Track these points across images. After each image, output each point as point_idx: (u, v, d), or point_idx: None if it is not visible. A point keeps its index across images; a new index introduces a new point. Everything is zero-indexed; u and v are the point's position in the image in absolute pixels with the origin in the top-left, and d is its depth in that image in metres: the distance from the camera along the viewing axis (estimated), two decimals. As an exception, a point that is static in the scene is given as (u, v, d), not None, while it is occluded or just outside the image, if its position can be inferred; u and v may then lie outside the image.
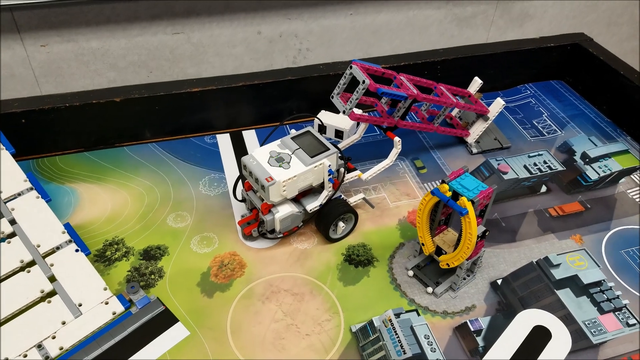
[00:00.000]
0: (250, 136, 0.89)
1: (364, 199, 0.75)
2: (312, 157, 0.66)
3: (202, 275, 0.66)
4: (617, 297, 0.65)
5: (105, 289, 0.62)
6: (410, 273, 0.67)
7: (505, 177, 0.82)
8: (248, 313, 0.62)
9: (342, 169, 0.70)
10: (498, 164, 0.84)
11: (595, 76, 0.97)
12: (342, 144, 0.77)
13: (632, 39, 1.47)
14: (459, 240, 0.61)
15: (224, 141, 0.88)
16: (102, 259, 0.68)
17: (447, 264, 0.63)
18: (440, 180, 0.63)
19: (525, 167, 0.83)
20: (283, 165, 0.65)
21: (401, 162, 0.84)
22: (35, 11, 0.97)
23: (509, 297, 0.65)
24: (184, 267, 0.67)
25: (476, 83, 0.85)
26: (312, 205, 0.68)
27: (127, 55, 1.09)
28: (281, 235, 0.69)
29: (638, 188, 0.80)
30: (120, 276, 0.66)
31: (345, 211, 0.69)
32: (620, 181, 0.81)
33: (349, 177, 0.74)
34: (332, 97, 0.71)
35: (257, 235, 0.70)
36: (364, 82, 0.66)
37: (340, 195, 0.72)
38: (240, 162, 0.67)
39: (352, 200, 0.74)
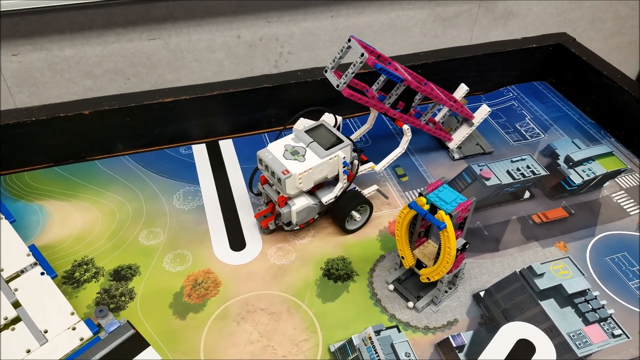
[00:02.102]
0: (227, 146, 0.87)
1: (377, 190, 0.76)
2: (326, 149, 0.66)
3: (175, 296, 0.64)
4: (602, 306, 0.64)
5: (72, 313, 0.59)
6: (391, 287, 0.65)
7: (488, 183, 0.80)
8: (223, 335, 0.60)
9: (355, 161, 0.71)
10: (480, 170, 0.82)
11: (579, 77, 0.95)
12: (354, 135, 0.78)
13: (616, 36, 1.46)
14: (439, 252, 0.59)
15: (199, 152, 0.85)
16: (71, 280, 0.65)
17: (428, 278, 0.61)
18: (418, 193, 0.61)
19: (508, 172, 0.82)
20: (298, 158, 0.65)
21: (385, 172, 0.82)
22: (5, 20, 0.93)
23: (492, 310, 0.63)
24: (156, 287, 0.65)
25: (462, 89, 0.83)
26: (328, 197, 0.69)
27: (102, 63, 1.06)
28: (297, 227, 0.69)
29: (622, 192, 0.79)
30: (89, 299, 0.63)
31: (361, 202, 0.70)
32: (604, 185, 0.80)
33: (363, 168, 0.75)
34: (326, 71, 0.69)
35: (274, 227, 0.71)
36: (362, 55, 0.64)
37: (355, 187, 0.73)
38: (217, 174, 0.66)
39: (366, 191, 0.74)
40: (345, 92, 0.67)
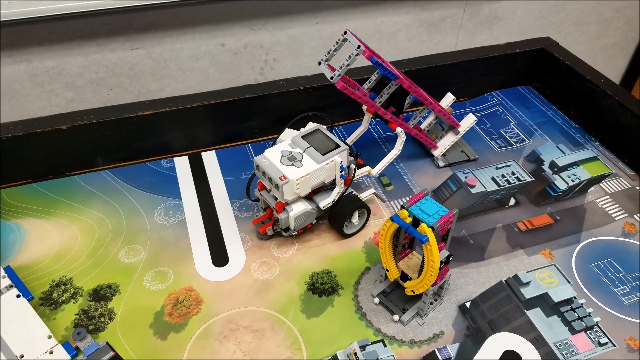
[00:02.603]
0: (210, 157, 0.86)
1: (374, 193, 0.76)
2: (323, 154, 0.66)
3: (156, 315, 0.63)
4: (589, 314, 0.63)
5: (49, 337, 0.58)
6: (376, 300, 0.65)
7: (473, 190, 0.79)
8: (205, 354, 0.59)
9: (352, 166, 0.70)
10: (465, 177, 0.81)
11: (562, 81, 0.95)
12: (350, 139, 0.78)
13: (601, 37, 1.47)
14: (423, 265, 0.58)
15: (181, 164, 0.84)
16: (48, 302, 0.64)
17: (413, 291, 0.60)
18: (400, 205, 0.61)
19: (493, 179, 0.81)
20: (295, 164, 0.65)
21: (367, 179, 0.82)
22: (-18, 32, 0.92)
23: (478, 321, 0.63)
24: (136, 307, 0.63)
25: (449, 98, 0.83)
26: (325, 202, 0.69)
27: (84, 74, 1.05)
28: (295, 232, 0.69)
29: (607, 196, 0.78)
30: (67, 320, 0.62)
31: (358, 207, 0.70)
32: (589, 190, 0.79)
33: (359, 173, 0.75)
34: (320, 63, 0.68)
35: (272, 233, 0.71)
36: (358, 47, 0.63)
37: (352, 192, 0.73)
38: (199, 187, 0.64)
39: (363, 195, 0.75)
40: (339, 84, 0.66)
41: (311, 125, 0.76)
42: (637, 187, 0.80)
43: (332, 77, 0.66)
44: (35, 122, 0.79)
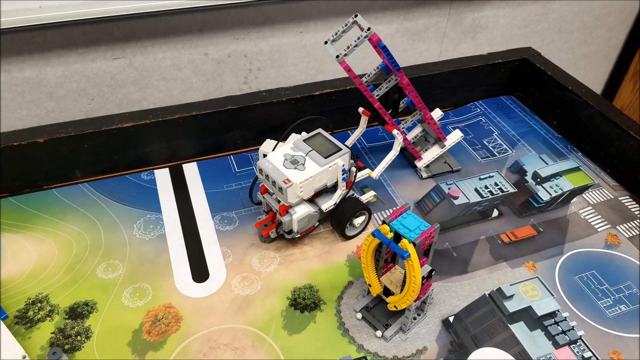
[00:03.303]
0: (191, 169, 0.85)
1: (375, 195, 0.77)
2: (325, 157, 0.67)
3: (134, 333, 0.61)
4: (572, 328, 0.63)
5: (24, 357, 0.56)
6: (359, 316, 0.64)
7: (456, 202, 0.79)
8: (183, 373, 0.57)
9: (353, 168, 0.72)
10: (449, 189, 0.81)
11: (544, 91, 0.95)
12: (348, 141, 0.79)
13: (583, 45, 1.48)
14: (405, 279, 0.58)
15: (162, 177, 0.83)
16: (24, 320, 0.62)
17: (395, 306, 0.60)
18: (382, 220, 0.60)
19: (476, 190, 0.81)
20: (298, 167, 0.66)
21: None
22: (-42, 42, 0.90)
23: (461, 336, 0.62)
24: (114, 325, 0.62)
25: (437, 114, 0.83)
26: (327, 204, 0.70)
27: (64, 84, 1.03)
28: (298, 235, 0.70)
29: (590, 207, 0.79)
30: (43, 339, 0.60)
31: (360, 209, 0.71)
32: (572, 201, 0.80)
33: (360, 175, 0.76)
34: (326, 42, 0.67)
35: (276, 236, 0.71)
36: (368, 29, 0.63)
37: (353, 194, 0.74)
38: (180, 200, 0.63)
39: (364, 197, 0.76)
40: (344, 64, 0.66)
41: (296, 136, 0.76)
42: (620, 198, 0.80)
43: (337, 56, 0.65)
44: (12, 135, 0.77)
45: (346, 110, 0.91)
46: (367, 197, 0.77)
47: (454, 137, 0.84)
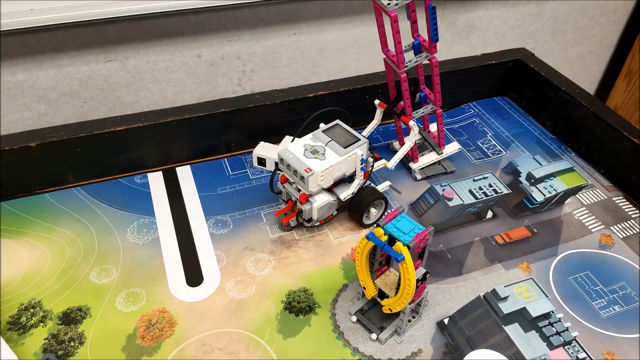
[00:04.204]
0: (185, 172, 0.84)
1: (390, 186, 0.79)
2: (345, 147, 0.69)
3: (128, 338, 0.61)
4: (567, 329, 0.63)
5: (16, 364, 0.56)
6: (354, 319, 0.64)
7: (451, 203, 0.79)
8: (177, 379, 0.57)
9: (370, 159, 0.74)
10: (443, 190, 0.81)
11: (538, 92, 0.95)
12: (364, 132, 0.80)
13: (577, 45, 1.49)
14: (400, 282, 0.58)
15: (155, 180, 0.82)
16: (17, 326, 0.62)
17: (390, 309, 0.60)
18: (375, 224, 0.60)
19: (470, 191, 0.81)
20: (319, 157, 0.68)
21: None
22: (-50, 46, 0.90)
23: (456, 338, 0.62)
24: (107, 330, 0.62)
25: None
26: (345, 193, 0.72)
27: (57, 87, 1.02)
28: (317, 223, 0.73)
29: (584, 208, 0.79)
30: (36, 345, 0.60)
31: (378, 197, 0.73)
32: (566, 202, 0.80)
33: (376, 165, 0.79)
34: None
35: (295, 224, 0.74)
36: None
37: (370, 183, 0.75)
38: (173, 203, 0.63)
39: (380, 187, 0.77)
40: (393, 13, 0.66)
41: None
42: (614, 198, 0.80)
43: (388, 4, 0.64)
44: (3, 140, 0.76)
45: (340, 112, 0.91)
46: (383, 186, 0.78)
47: (452, 147, 0.85)
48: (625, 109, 1.63)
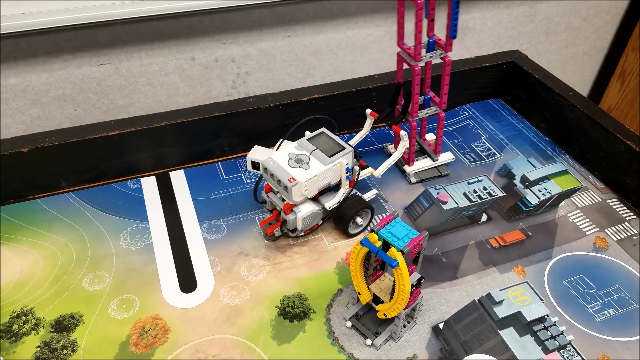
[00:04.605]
0: (178, 177, 0.84)
1: (377, 194, 0.79)
2: (329, 156, 0.68)
3: (121, 346, 0.60)
4: (562, 333, 0.63)
5: (7, 373, 0.55)
6: (349, 324, 0.63)
7: (445, 207, 0.79)
8: (171, 386, 0.57)
9: (356, 167, 0.73)
10: (437, 193, 0.81)
11: (532, 94, 0.95)
12: (352, 141, 0.79)
13: (570, 46, 1.49)
14: (394, 287, 0.57)
15: (149, 185, 0.82)
16: (9, 334, 0.61)
17: (385, 315, 0.59)
18: (370, 229, 0.60)
19: (465, 194, 0.81)
20: (303, 166, 0.67)
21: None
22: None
23: (451, 343, 0.62)
24: (100, 337, 0.61)
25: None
26: (331, 202, 0.71)
27: (50, 90, 1.02)
28: (302, 233, 0.71)
29: (578, 211, 0.79)
30: (28, 354, 0.59)
31: (363, 207, 0.72)
32: (560, 204, 0.80)
33: (363, 174, 0.77)
34: None
35: (280, 234, 0.72)
36: None
37: (356, 192, 0.75)
38: (167, 208, 0.63)
39: (366, 196, 0.77)
40: (419, 0, 0.66)
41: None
42: (608, 201, 0.80)
43: None
44: (-6, 145, 0.76)
45: (334, 115, 0.91)
46: (370, 195, 0.78)
47: (446, 157, 0.86)
48: (619, 109, 1.64)
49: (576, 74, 1.60)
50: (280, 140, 0.75)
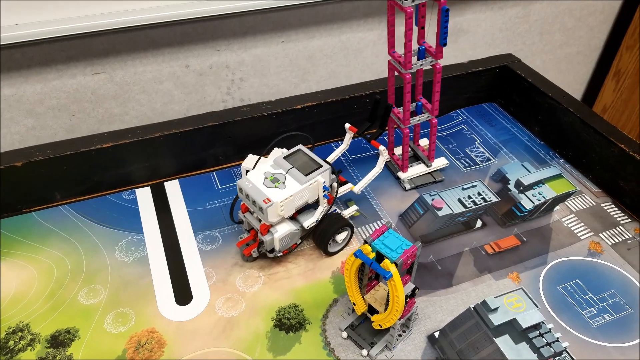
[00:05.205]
0: (173, 187, 0.84)
1: (358, 210, 0.77)
2: (306, 175, 0.67)
3: (117, 360, 0.60)
4: (557, 339, 0.63)
5: (3, 390, 0.55)
6: (344, 334, 0.64)
7: (440, 213, 0.79)
8: (167, 401, 0.57)
9: (335, 184, 0.71)
10: (432, 200, 0.81)
11: (525, 98, 0.95)
12: (331, 157, 0.78)
13: (564, 46, 1.49)
14: (389, 298, 0.57)
15: (143, 196, 0.82)
16: (4, 350, 0.61)
17: (380, 325, 0.59)
18: (363, 240, 0.60)
19: (459, 200, 0.81)
20: (279, 186, 0.66)
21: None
22: None
23: (447, 352, 0.62)
24: (96, 352, 0.61)
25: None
26: (309, 221, 0.69)
27: (44, 100, 1.02)
28: (280, 253, 0.69)
29: (573, 215, 0.79)
30: (24, 370, 0.60)
31: (342, 225, 0.71)
32: (554, 209, 0.80)
33: (342, 190, 0.76)
34: None
35: (257, 255, 0.71)
36: None
37: (335, 210, 0.74)
38: (162, 219, 0.63)
39: (347, 212, 0.76)
40: (409, 9, 0.66)
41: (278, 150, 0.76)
42: (602, 205, 0.81)
43: (406, 0, 0.65)
44: (-13, 160, 0.76)
45: (328, 123, 0.91)
46: (350, 212, 0.76)
47: (440, 162, 0.86)
48: (615, 108, 1.64)
49: (571, 74, 1.60)
50: (258, 157, 0.74)
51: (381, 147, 0.75)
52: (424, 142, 0.88)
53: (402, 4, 0.65)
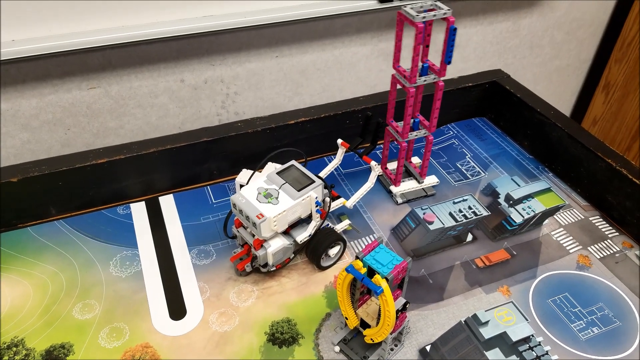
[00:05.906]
0: (168, 202, 0.85)
1: (350, 224, 0.78)
2: (299, 190, 0.68)
3: (111, 376, 0.61)
4: (547, 352, 0.64)
5: (-2, 407, 0.56)
6: (337, 349, 0.64)
7: (431, 227, 0.80)
8: (161, 416, 0.57)
9: (327, 199, 0.72)
10: (424, 213, 0.82)
11: (515, 113, 0.97)
12: (324, 172, 0.79)
13: (554, 59, 1.51)
14: (380, 312, 0.58)
15: (138, 211, 0.83)
16: (-1, 366, 0.62)
17: (372, 339, 0.60)
18: (355, 256, 0.61)
19: (450, 214, 0.82)
20: (272, 201, 0.67)
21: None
22: None
23: (438, 365, 0.63)
24: (90, 368, 0.62)
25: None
26: (302, 236, 0.70)
27: (39, 115, 1.03)
28: (274, 268, 0.70)
29: (561, 229, 0.80)
30: (18, 386, 0.60)
31: (335, 239, 0.72)
32: (544, 223, 0.81)
33: (334, 205, 0.77)
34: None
35: (251, 270, 0.72)
36: (448, 9, 0.66)
37: (328, 224, 0.75)
38: (156, 234, 0.63)
39: (339, 227, 0.77)
40: (420, 25, 0.67)
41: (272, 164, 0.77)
42: (590, 218, 0.82)
43: (417, 16, 0.66)
44: (-17, 176, 0.76)
45: (321, 137, 0.92)
46: (342, 226, 0.77)
47: (431, 180, 0.87)
48: (605, 119, 1.66)
49: (561, 86, 1.62)
50: (252, 172, 0.75)
51: (372, 162, 0.76)
52: (415, 159, 0.89)
53: (414, 19, 0.67)
